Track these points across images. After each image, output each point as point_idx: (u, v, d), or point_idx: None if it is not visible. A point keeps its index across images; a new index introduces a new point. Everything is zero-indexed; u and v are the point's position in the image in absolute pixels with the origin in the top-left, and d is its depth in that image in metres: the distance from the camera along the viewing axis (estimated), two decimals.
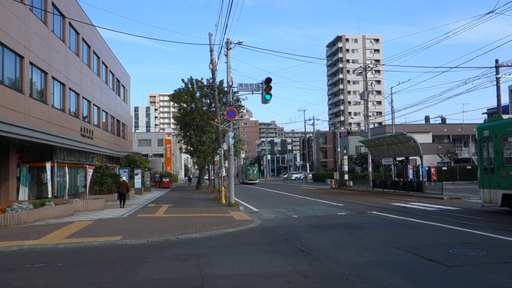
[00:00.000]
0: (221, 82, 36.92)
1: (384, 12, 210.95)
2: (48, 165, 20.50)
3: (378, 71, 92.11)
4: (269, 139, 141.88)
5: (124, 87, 44.28)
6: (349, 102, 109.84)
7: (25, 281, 7.33)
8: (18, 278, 7.55)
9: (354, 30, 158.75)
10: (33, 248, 10.31)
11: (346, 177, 42.00)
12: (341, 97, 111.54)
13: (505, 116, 17.34)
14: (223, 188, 24.42)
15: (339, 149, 54.80)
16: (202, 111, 39.04)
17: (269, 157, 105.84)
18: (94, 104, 30.98)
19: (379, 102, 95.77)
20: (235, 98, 35.87)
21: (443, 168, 47.68)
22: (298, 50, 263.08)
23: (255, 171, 62.09)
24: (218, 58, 26.69)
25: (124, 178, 25.23)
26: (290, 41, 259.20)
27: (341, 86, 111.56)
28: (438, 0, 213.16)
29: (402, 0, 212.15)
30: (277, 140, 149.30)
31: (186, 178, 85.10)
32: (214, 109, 34.88)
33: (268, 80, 19.68)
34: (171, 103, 55.13)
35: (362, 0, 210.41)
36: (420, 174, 29.78)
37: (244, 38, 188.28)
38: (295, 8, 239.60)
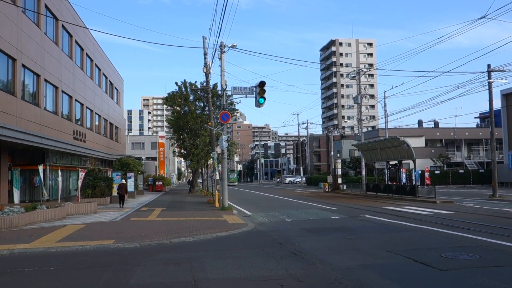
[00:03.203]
0: (215, 85, 36.88)
1: (378, 16, 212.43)
2: (40, 168, 20.36)
3: (372, 75, 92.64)
4: (262, 143, 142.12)
5: (117, 90, 44.12)
6: (343, 106, 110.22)
7: (16, 285, 7.26)
8: (9, 282, 7.48)
9: (350, 34, 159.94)
10: (25, 252, 10.21)
11: (340, 180, 42.06)
12: (335, 100, 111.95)
13: None
14: (216, 191, 24.37)
15: (332, 153, 54.88)
16: (195, 114, 38.97)
17: (262, 160, 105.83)
18: (87, 107, 30.83)
19: (373, 106, 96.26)
20: (229, 101, 35.87)
21: (436, 172, 47.91)
22: (294, 54, 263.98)
23: (235, 176, 75.84)
24: (212, 62, 26.70)
25: (123, 181, 25.41)
26: (286, 45, 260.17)
27: (334, 90, 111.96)
28: (432, 4, 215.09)
29: (396, 4, 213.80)
30: (270, 143, 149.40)
31: (186, 181, 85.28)
32: (207, 112, 34.83)
33: (261, 84, 19.69)
34: (165, 106, 55.33)
35: (358, 4, 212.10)
36: (413, 178, 29.88)
37: (240, 41, 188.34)
38: (291, 12, 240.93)
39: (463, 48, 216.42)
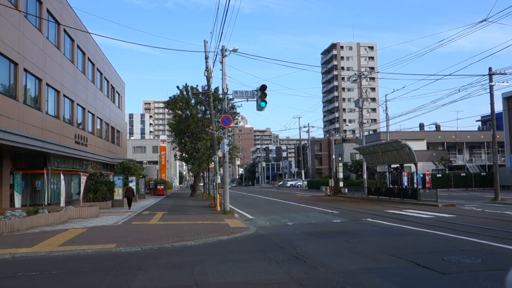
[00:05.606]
0: (216, 89, 36.93)
1: (380, 19, 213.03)
2: (45, 172, 20.41)
3: (373, 79, 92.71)
4: (264, 146, 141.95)
5: (119, 94, 44.22)
6: (344, 109, 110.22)
7: None
8: (11, 286, 7.48)
9: (352, 38, 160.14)
10: (26, 256, 10.21)
11: (341, 184, 42.01)
12: (336, 104, 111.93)
13: None
14: (218, 195, 24.36)
15: (334, 156, 54.88)
16: (197, 118, 39.00)
17: (264, 164, 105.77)
18: (88, 111, 30.90)
19: (374, 110, 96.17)
20: (230, 105, 35.94)
21: (438, 175, 47.81)
22: (296, 58, 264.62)
23: (228, 180, 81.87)
24: (213, 65, 26.73)
25: (130, 184, 26.39)
26: (288, 48, 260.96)
27: (335, 94, 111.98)
28: (434, 8, 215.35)
29: (398, 8, 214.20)
30: (272, 147, 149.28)
31: (186, 185, 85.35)
32: (209, 116, 34.87)
33: (263, 88, 19.71)
34: (166, 110, 55.50)
35: (360, 8, 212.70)
36: (415, 181, 29.82)
37: (243, 45, 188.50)
38: (294, 16, 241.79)
39: (466, 51, 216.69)
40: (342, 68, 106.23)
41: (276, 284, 7.08)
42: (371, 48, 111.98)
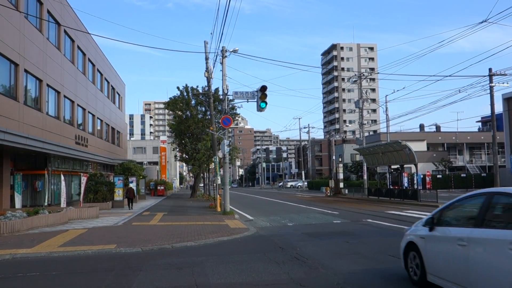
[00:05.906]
0: (217, 90, 36.89)
1: (380, 20, 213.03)
2: (45, 173, 20.41)
3: (373, 79, 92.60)
4: (264, 147, 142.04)
5: (119, 95, 44.23)
6: (344, 110, 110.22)
7: None
8: (11, 287, 7.48)
9: (352, 39, 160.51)
10: (27, 256, 10.22)
11: (341, 185, 42.00)
12: (336, 105, 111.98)
13: None
14: (218, 196, 24.36)
15: (334, 157, 54.88)
16: (197, 119, 39.00)
17: (264, 165, 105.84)
18: (89, 112, 30.91)
19: (374, 110, 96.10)
20: (230, 106, 35.96)
21: (438, 176, 47.78)
22: (297, 59, 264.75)
23: (229, 180, 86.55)
24: (214, 66, 26.75)
25: (131, 185, 26.97)
26: (288, 49, 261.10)
27: (336, 94, 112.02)
28: (434, 8, 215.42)
29: (399, 8, 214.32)
30: (272, 148, 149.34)
31: (186, 186, 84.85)
32: (209, 117, 34.88)
33: (263, 88, 19.71)
34: (166, 110, 55.55)
35: (361, 9, 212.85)
36: (415, 182, 29.82)
37: (243, 46, 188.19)
38: (294, 17, 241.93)
39: (466, 52, 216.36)
40: (342, 69, 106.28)
41: (276, 285, 7.09)
42: (371, 49, 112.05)
